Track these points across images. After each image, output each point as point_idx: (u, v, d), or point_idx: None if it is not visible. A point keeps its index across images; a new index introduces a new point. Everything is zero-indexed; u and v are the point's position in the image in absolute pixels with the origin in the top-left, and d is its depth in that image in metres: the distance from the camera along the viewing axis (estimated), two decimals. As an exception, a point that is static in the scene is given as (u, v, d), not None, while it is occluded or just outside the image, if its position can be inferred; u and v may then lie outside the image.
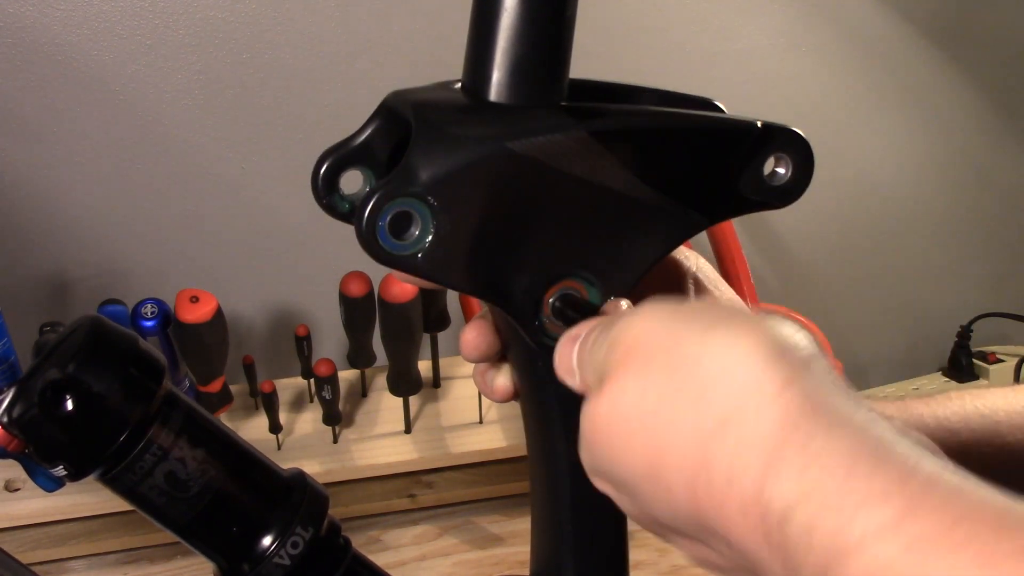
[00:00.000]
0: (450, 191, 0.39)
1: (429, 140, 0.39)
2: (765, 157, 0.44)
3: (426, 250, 0.39)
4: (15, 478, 0.94)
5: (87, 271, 1.10)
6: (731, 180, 0.44)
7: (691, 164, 0.43)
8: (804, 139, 0.44)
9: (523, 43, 0.40)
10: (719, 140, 0.43)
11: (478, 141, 0.39)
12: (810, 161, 0.45)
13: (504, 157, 0.39)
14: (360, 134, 0.44)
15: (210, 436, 0.48)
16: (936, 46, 1.20)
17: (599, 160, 0.41)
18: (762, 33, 1.15)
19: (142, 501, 0.47)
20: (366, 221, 0.38)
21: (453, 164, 0.39)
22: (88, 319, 0.46)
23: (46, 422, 0.44)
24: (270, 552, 0.48)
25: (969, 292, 1.36)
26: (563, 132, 0.40)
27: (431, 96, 0.43)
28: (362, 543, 0.99)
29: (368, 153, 0.44)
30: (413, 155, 0.39)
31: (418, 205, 0.39)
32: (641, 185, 0.42)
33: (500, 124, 0.40)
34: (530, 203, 0.41)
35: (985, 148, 1.29)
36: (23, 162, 1.03)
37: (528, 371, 0.45)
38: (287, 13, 1.02)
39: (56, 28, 0.98)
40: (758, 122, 0.43)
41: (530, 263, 0.42)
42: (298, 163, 1.12)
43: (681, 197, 0.43)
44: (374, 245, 0.39)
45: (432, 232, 0.39)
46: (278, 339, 1.16)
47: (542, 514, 0.49)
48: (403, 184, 0.38)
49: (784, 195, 0.45)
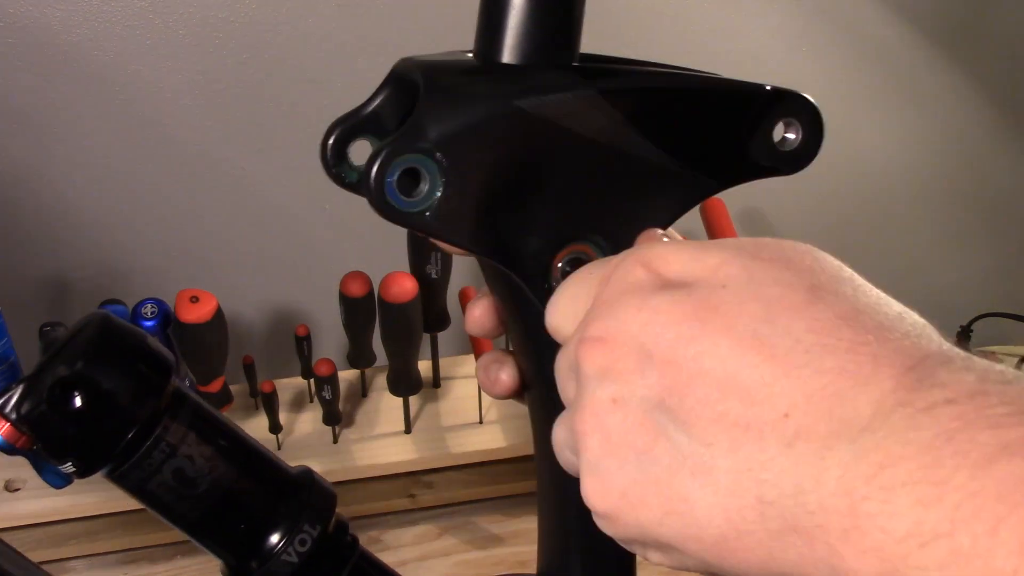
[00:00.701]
0: (459, 148, 0.39)
1: (438, 98, 0.39)
2: (774, 121, 0.44)
3: (435, 207, 0.39)
4: (15, 478, 0.94)
5: (87, 271, 1.10)
6: (741, 145, 0.43)
7: (701, 126, 0.43)
8: (813, 104, 0.44)
9: (535, 2, 0.40)
10: (729, 102, 0.43)
11: (487, 99, 0.39)
12: (819, 127, 0.44)
13: (513, 115, 0.39)
14: (370, 103, 0.43)
15: (218, 433, 0.48)
16: (936, 46, 1.20)
17: (609, 120, 0.40)
18: (762, 33, 1.15)
19: (150, 498, 0.47)
20: (375, 177, 0.38)
21: (462, 121, 0.39)
22: (97, 316, 0.46)
23: (55, 419, 0.44)
24: (278, 549, 0.48)
25: (969, 292, 1.36)
26: (573, 91, 0.40)
27: (441, 59, 0.42)
28: (362, 543, 0.99)
29: (378, 122, 0.43)
30: (422, 112, 0.39)
31: (427, 162, 0.38)
32: (651, 147, 0.42)
33: (509, 83, 0.40)
34: (540, 163, 0.40)
35: (986, 148, 1.29)
36: (23, 162, 1.03)
37: (532, 346, 0.45)
38: (287, 13, 1.02)
39: (56, 28, 0.98)
40: (768, 85, 0.43)
41: (539, 225, 0.42)
42: (298, 163, 1.13)
43: (691, 161, 0.43)
44: (383, 202, 0.38)
45: (441, 189, 0.39)
46: (278, 339, 1.16)
47: (549, 512, 0.49)
48: (412, 140, 0.38)
49: (794, 161, 0.45)
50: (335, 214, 1.11)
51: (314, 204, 1.10)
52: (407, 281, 0.94)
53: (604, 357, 0.34)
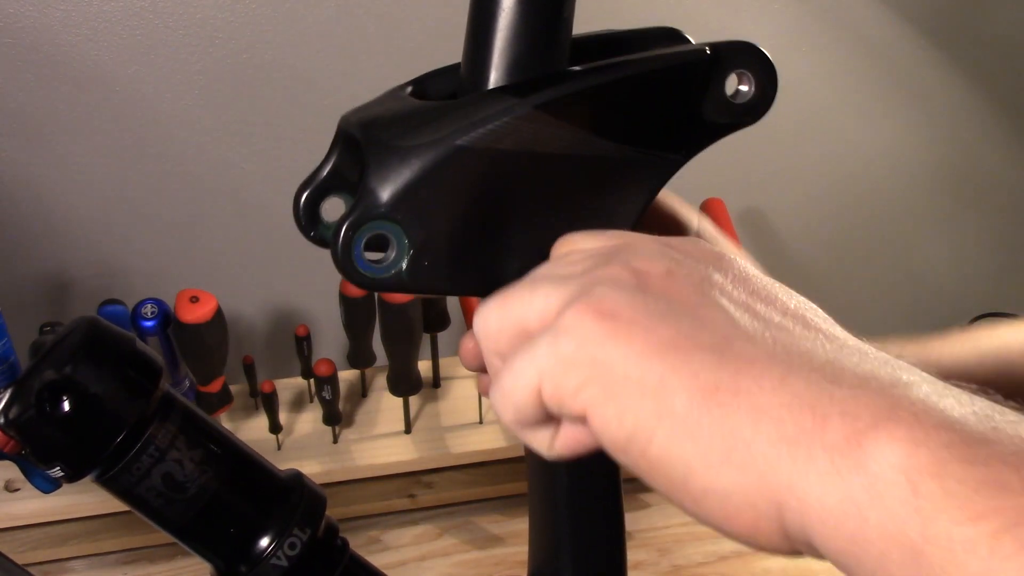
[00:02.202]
0: (414, 202, 0.39)
1: (380, 158, 0.39)
2: (723, 78, 0.43)
3: (408, 265, 0.39)
4: (15, 478, 0.94)
5: (87, 271, 1.10)
6: (695, 111, 0.43)
7: (650, 109, 0.42)
8: (759, 50, 0.43)
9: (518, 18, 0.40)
10: (671, 77, 0.42)
11: (428, 147, 0.39)
12: (771, 70, 0.44)
13: (458, 155, 0.39)
14: (325, 164, 0.44)
15: (207, 437, 0.48)
16: (936, 46, 1.20)
17: (555, 131, 0.40)
18: (762, 33, 1.14)
19: (139, 502, 0.47)
20: (341, 255, 0.39)
21: (409, 176, 0.39)
22: (85, 320, 0.46)
23: (43, 423, 0.44)
24: (267, 553, 0.48)
25: (968, 292, 1.35)
26: (509, 114, 0.39)
27: (377, 112, 0.42)
28: (362, 543, 0.99)
29: (340, 178, 0.44)
30: (369, 178, 0.39)
31: (388, 225, 0.39)
32: (607, 143, 0.41)
33: (447, 124, 0.40)
34: (499, 191, 0.40)
35: (986, 148, 1.29)
36: (23, 162, 1.03)
37: None
38: (287, 13, 1.02)
39: (56, 28, 0.98)
40: (707, 48, 0.43)
41: (516, 248, 0.41)
42: (298, 163, 1.12)
43: (650, 143, 0.42)
44: (356, 276, 0.39)
45: (408, 247, 0.39)
46: (278, 339, 1.16)
47: (539, 513, 0.49)
48: (366, 210, 0.39)
49: (752, 111, 0.44)
50: (335, 214, 1.11)
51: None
52: (407, 281, 0.94)
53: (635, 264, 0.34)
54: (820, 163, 1.24)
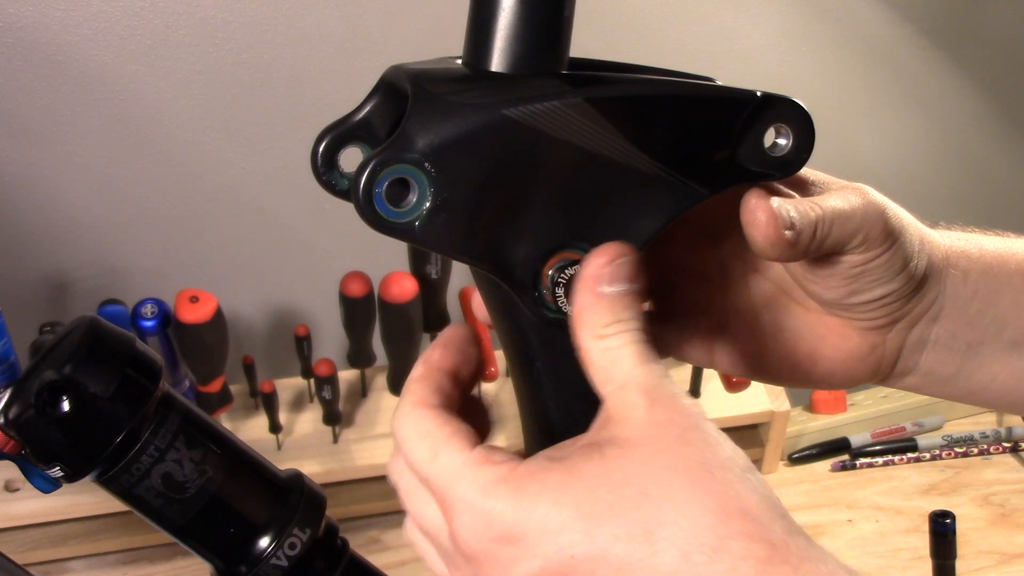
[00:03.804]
0: (447, 158, 0.39)
1: (425, 107, 0.39)
2: (765, 127, 0.43)
3: (423, 218, 0.39)
4: (15, 478, 0.94)
5: (87, 271, 1.10)
6: (731, 151, 0.43)
7: (690, 134, 0.42)
8: (804, 110, 0.44)
9: (523, 10, 0.40)
10: (719, 109, 0.43)
11: (474, 108, 0.39)
12: (811, 132, 0.44)
13: (501, 124, 0.39)
14: (360, 110, 0.43)
15: (207, 437, 0.48)
16: (936, 46, 1.20)
17: (597, 129, 0.40)
18: (762, 33, 1.14)
19: (139, 503, 0.47)
20: (363, 187, 0.38)
21: (449, 131, 0.39)
22: (85, 320, 0.46)
23: (42, 423, 0.44)
24: (267, 553, 0.48)
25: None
26: (560, 99, 0.40)
27: (429, 67, 0.42)
28: (362, 543, 0.99)
29: (368, 129, 0.43)
30: (410, 122, 0.39)
31: (415, 172, 0.38)
32: (640, 155, 0.41)
33: (497, 92, 0.40)
34: (528, 171, 0.40)
35: (985, 149, 1.29)
36: (23, 162, 1.03)
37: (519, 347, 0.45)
38: (287, 13, 1.02)
39: (55, 28, 0.98)
40: (758, 92, 0.43)
41: (529, 233, 0.41)
42: (298, 163, 1.12)
43: (681, 168, 0.42)
44: (370, 212, 0.38)
45: (429, 200, 0.39)
46: (278, 339, 1.16)
47: None
48: (399, 150, 0.38)
49: (784, 166, 0.44)
50: (335, 214, 1.11)
51: (314, 204, 1.09)
52: (407, 281, 0.94)
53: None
54: (820, 163, 1.24)
